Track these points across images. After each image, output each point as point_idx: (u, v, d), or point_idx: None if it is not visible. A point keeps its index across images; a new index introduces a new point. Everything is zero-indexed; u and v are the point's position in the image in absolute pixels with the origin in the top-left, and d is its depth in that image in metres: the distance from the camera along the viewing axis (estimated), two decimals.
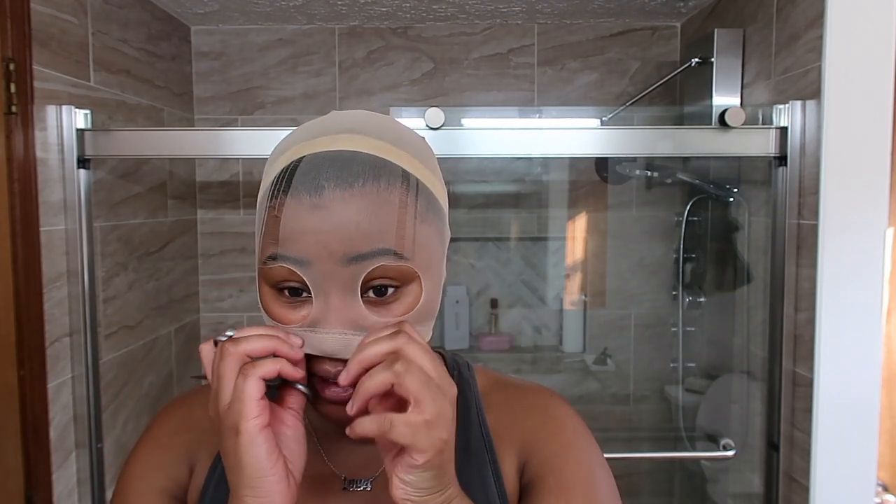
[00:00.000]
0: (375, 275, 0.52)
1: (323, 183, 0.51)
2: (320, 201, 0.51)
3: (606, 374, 2.18)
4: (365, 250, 0.51)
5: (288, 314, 0.53)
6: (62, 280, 1.33)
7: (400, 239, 0.52)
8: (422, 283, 0.54)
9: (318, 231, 0.51)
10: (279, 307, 0.54)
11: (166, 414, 0.68)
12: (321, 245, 0.51)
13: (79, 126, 1.33)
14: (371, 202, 0.51)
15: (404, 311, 0.53)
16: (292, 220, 0.51)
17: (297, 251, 0.51)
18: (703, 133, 1.37)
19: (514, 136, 1.36)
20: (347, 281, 0.51)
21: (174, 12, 1.92)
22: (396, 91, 2.10)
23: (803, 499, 1.31)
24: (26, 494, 1.21)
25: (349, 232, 0.50)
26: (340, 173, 0.52)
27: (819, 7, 1.27)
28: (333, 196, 0.51)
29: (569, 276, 2.20)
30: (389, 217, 0.52)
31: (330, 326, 0.52)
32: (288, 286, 0.53)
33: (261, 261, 0.54)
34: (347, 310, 0.52)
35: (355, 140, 0.54)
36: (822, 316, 1.26)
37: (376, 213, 0.51)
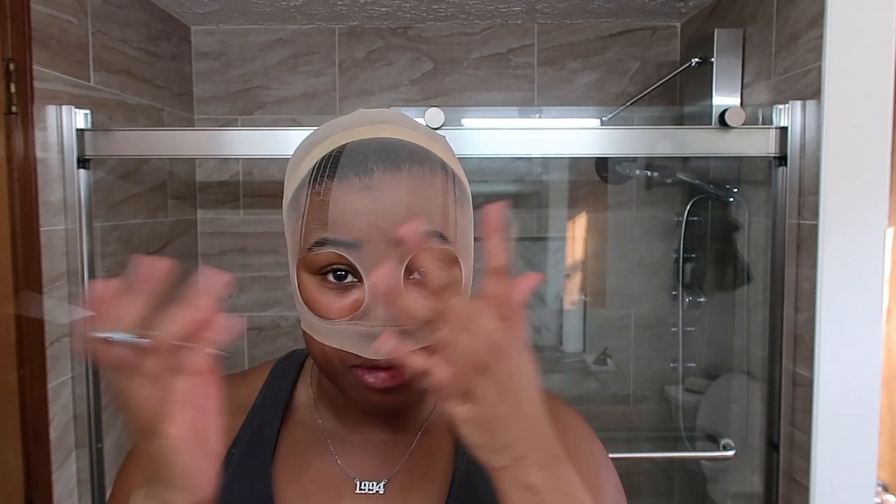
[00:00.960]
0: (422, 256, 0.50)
1: (372, 166, 0.52)
2: (371, 182, 0.51)
3: (606, 374, 2.18)
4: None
5: (334, 302, 0.53)
6: (62, 280, 1.33)
7: (445, 222, 0.53)
8: (461, 268, 0.55)
9: (370, 212, 0.51)
10: (324, 295, 0.53)
11: None
12: (373, 225, 0.51)
13: (79, 126, 1.33)
14: (419, 184, 0.52)
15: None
16: (342, 202, 0.51)
17: (347, 233, 0.51)
18: (703, 133, 1.37)
19: (514, 136, 1.36)
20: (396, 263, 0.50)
21: (174, 12, 1.92)
22: (396, 91, 2.10)
23: (803, 499, 1.31)
24: (26, 494, 1.21)
25: (400, 212, 0.51)
26: (388, 157, 0.53)
27: (819, 7, 1.27)
28: (384, 178, 0.52)
29: (569, 276, 2.20)
30: (435, 200, 0.53)
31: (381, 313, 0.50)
32: (333, 270, 0.52)
33: (304, 248, 0.53)
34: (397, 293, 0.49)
35: (396, 130, 0.56)
36: (822, 316, 1.26)
37: (424, 195, 0.52)
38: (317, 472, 0.62)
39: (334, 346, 0.53)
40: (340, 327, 0.52)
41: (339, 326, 0.52)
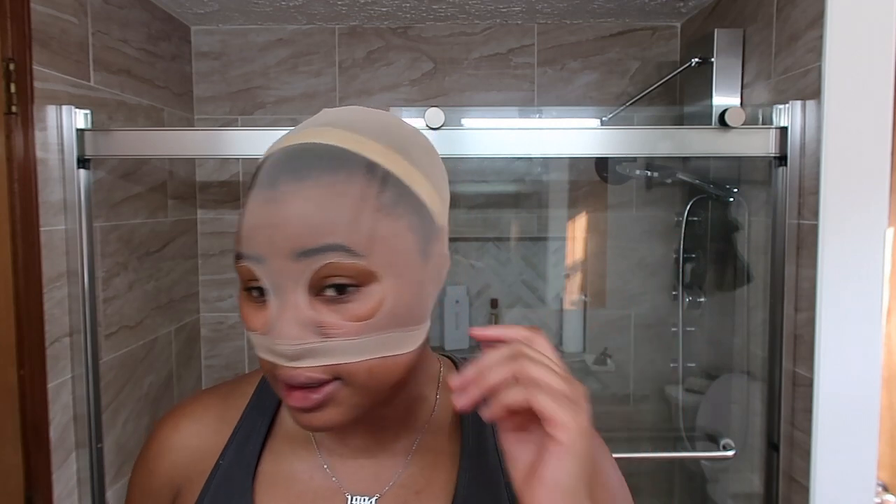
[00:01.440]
0: (327, 273, 0.48)
1: (279, 176, 0.49)
2: (274, 195, 0.49)
3: (606, 374, 2.18)
4: (312, 245, 0.48)
5: (253, 316, 0.51)
6: (62, 280, 1.33)
7: (352, 234, 0.48)
8: (384, 284, 0.50)
9: (268, 225, 0.48)
10: (247, 308, 0.52)
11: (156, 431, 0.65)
12: (269, 240, 0.48)
13: (79, 126, 1.33)
14: (323, 194, 0.48)
15: (367, 314, 0.49)
16: (249, 216, 0.50)
17: (253, 247, 0.49)
18: (703, 133, 1.37)
19: (514, 136, 1.36)
20: (295, 280, 0.49)
21: (174, 12, 1.92)
22: (396, 91, 2.10)
23: (803, 499, 1.31)
24: (26, 494, 1.21)
25: (296, 225, 0.48)
26: (296, 165, 0.49)
27: (819, 7, 1.27)
28: (287, 189, 0.48)
29: (569, 276, 2.20)
30: (342, 210, 0.48)
31: (285, 328, 0.48)
32: (254, 286, 0.51)
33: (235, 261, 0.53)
34: (299, 310, 0.49)
35: (324, 133, 0.52)
36: (822, 316, 1.26)
37: (328, 205, 0.48)
38: (305, 486, 0.60)
39: (260, 356, 0.52)
40: (258, 339, 0.51)
41: (257, 339, 0.51)
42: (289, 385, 0.50)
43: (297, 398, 0.50)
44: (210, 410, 0.65)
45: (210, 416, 0.65)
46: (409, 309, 0.51)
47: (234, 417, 0.64)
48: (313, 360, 0.49)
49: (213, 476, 0.61)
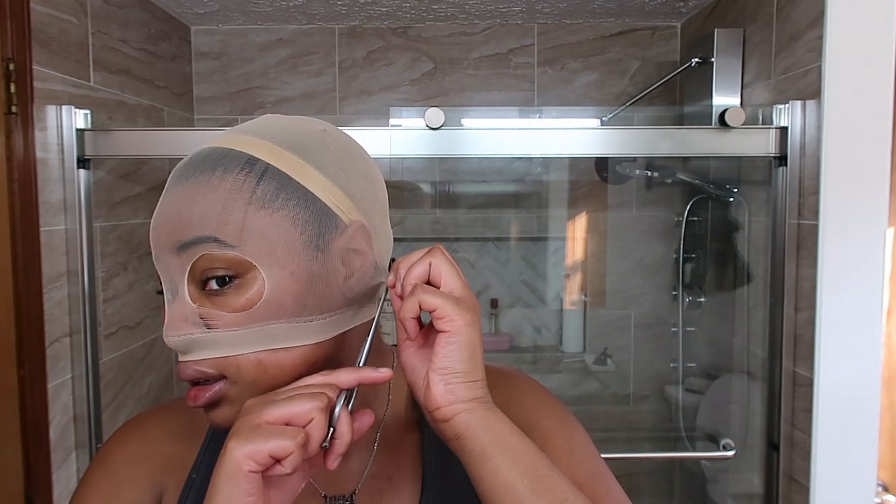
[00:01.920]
0: (204, 265, 0.50)
1: (174, 178, 0.54)
2: (164, 197, 0.54)
3: (606, 374, 2.18)
4: (187, 238, 0.50)
5: (163, 313, 0.54)
6: (62, 280, 1.33)
7: (222, 225, 0.50)
8: (262, 274, 0.50)
9: (157, 225, 0.53)
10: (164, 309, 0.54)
11: (121, 441, 0.63)
12: (158, 237, 0.53)
13: (79, 126, 1.33)
14: (198, 191, 0.51)
15: (245, 304, 0.50)
16: (153, 216, 0.55)
17: (152, 247, 0.54)
18: (703, 133, 1.37)
19: (514, 136, 1.36)
20: (174, 273, 0.52)
21: (174, 12, 1.92)
22: (396, 91, 2.10)
23: (803, 499, 1.31)
24: (26, 494, 1.21)
25: (172, 221, 0.51)
26: (184, 168, 0.53)
27: (819, 7, 1.27)
28: (173, 190, 0.53)
29: (569, 276, 2.20)
30: (213, 204, 0.50)
31: (173, 321, 0.51)
32: (161, 287, 0.54)
33: None
34: (184, 303, 0.51)
35: (220, 138, 0.55)
36: (822, 316, 1.26)
37: (199, 200, 0.50)
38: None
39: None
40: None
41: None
42: (189, 384, 0.53)
43: (190, 396, 0.52)
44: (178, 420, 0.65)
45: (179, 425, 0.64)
46: (299, 300, 0.51)
47: (203, 428, 0.64)
48: (199, 352, 0.51)
49: (187, 491, 0.60)
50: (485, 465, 0.49)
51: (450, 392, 0.50)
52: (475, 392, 0.51)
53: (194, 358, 0.51)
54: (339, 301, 0.54)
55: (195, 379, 0.52)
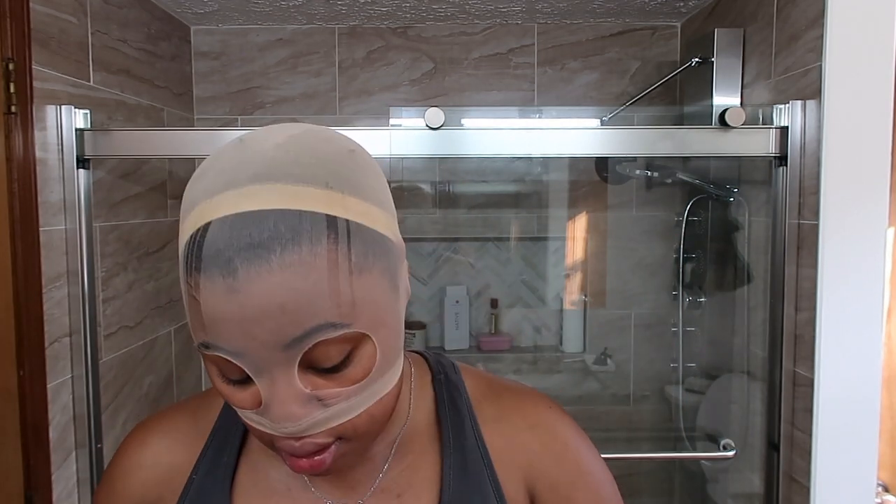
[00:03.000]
0: (319, 352, 0.46)
1: (235, 262, 0.43)
2: (236, 284, 0.43)
3: (606, 374, 2.18)
4: (298, 333, 0.44)
5: (235, 394, 0.49)
6: (62, 280, 1.33)
7: (336, 308, 0.45)
8: (374, 340, 0.48)
9: (241, 320, 0.44)
10: (226, 387, 0.50)
11: (122, 451, 0.63)
12: (249, 336, 0.44)
13: (78, 126, 1.33)
14: (294, 276, 0.43)
15: (363, 373, 0.48)
16: (211, 307, 0.44)
17: (226, 342, 0.45)
18: (703, 133, 1.37)
19: (514, 136, 1.36)
20: (287, 363, 0.46)
21: (174, 12, 1.92)
22: (396, 91, 2.10)
23: (803, 499, 1.31)
24: (26, 494, 1.21)
25: (275, 318, 0.44)
26: (253, 247, 0.43)
27: (819, 7, 1.27)
28: (249, 277, 0.43)
29: (569, 276, 2.20)
30: (318, 287, 0.44)
31: (285, 410, 0.47)
32: (232, 375, 0.49)
33: (197, 343, 0.48)
34: (295, 389, 0.47)
35: (264, 193, 0.45)
36: (822, 316, 1.26)
37: (302, 287, 0.44)
38: (283, 496, 0.59)
39: (255, 428, 0.50)
40: (249, 414, 0.50)
41: (248, 413, 0.50)
42: (292, 454, 0.50)
43: (305, 467, 0.50)
44: (180, 425, 0.63)
45: (181, 430, 0.63)
46: (396, 348, 0.51)
47: (206, 431, 0.63)
48: (317, 427, 0.48)
49: (186, 491, 0.60)
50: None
51: None
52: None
53: (312, 433, 0.48)
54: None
55: (314, 452, 0.49)
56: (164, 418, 0.64)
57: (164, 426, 0.63)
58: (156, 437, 0.62)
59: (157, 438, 0.62)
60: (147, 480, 0.61)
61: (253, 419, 0.49)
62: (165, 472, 0.61)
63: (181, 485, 0.60)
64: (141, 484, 0.61)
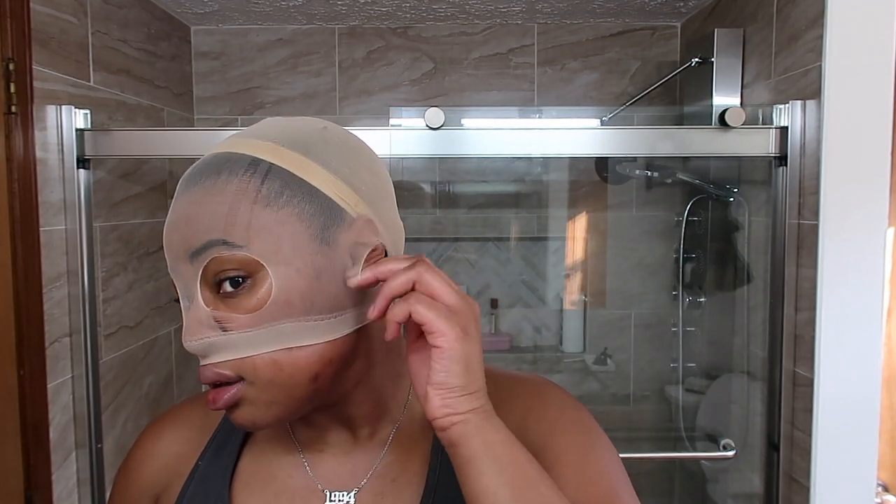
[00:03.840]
0: (215, 268, 0.51)
1: (182, 185, 0.54)
2: (176, 202, 0.54)
3: (606, 374, 2.18)
4: (196, 245, 0.51)
5: (182, 320, 0.54)
6: (62, 280, 1.33)
7: (230, 226, 0.50)
8: (270, 273, 0.51)
9: (168, 232, 0.53)
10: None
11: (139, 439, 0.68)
12: (168, 245, 0.53)
13: (78, 126, 1.33)
14: (204, 195, 0.52)
15: (256, 304, 0.51)
16: (165, 224, 0.54)
17: (166, 256, 0.54)
18: (703, 133, 1.37)
19: (514, 136, 1.36)
20: (188, 280, 0.52)
21: (174, 12, 1.92)
22: (396, 91, 2.10)
23: (803, 499, 1.31)
24: (26, 494, 1.21)
25: (182, 229, 0.52)
26: (190, 176, 0.54)
27: (819, 7, 1.27)
28: (181, 198, 0.53)
29: (569, 276, 2.20)
30: (219, 207, 0.51)
31: (190, 326, 0.52)
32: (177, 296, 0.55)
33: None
34: (199, 308, 0.52)
35: (223, 144, 0.56)
36: (822, 316, 1.26)
37: (206, 205, 0.51)
38: (283, 485, 0.61)
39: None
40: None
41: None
42: (209, 386, 0.53)
43: (209, 398, 0.53)
44: (192, 416, 0.67)
45: (192, 421, 0.67)
46: (307, 297, 0.52)
47: (215, 421, 0.66)
48: (216, 355, 0.52)
49: (191, 478, 0.63)
50: (470, 471, 0.49)
51: (446, 406, 0.50)
52: (472, 404, 0.50)
53: (212, 361, 0.52)
54: (351, 297, 0.54)
55: (215, 381, 0.52)
56: (178, 411, 0.68)
57: (177, 419, 0.67)
58: (168, 429, 0.66)
59: (169, 430, 0.66)
60: (157, 469, 0.65)
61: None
62: (174, 460, 0.64)
63: (188, 471, 0.63)
64: (152, 472, 0.65)
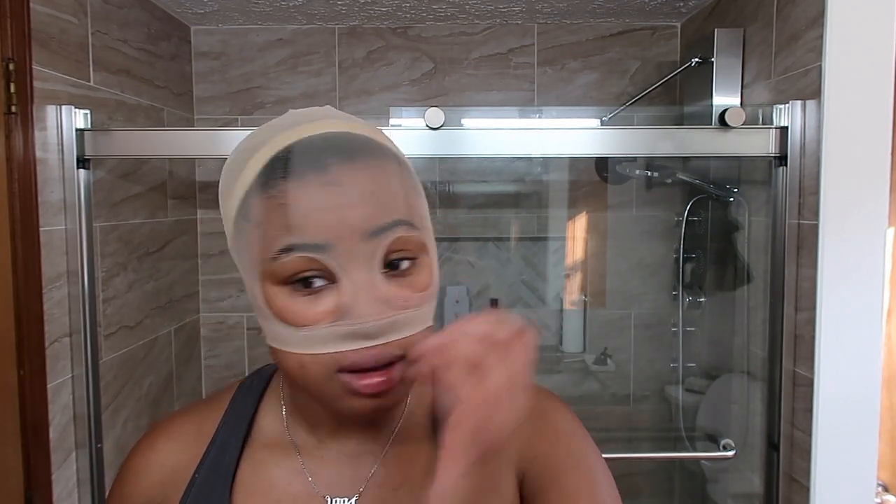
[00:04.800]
0: (395, 247, 0.50)
1: (327, 160, 0.49)
2: (330, 177, 0.49)
3: (606, 374, 2.18)
4: (384, 222, 0.49)
5: (307, 310, 0.50)
6: (62, 280, 1.33)
7: (410, 208, 0.52)
8: (430, 256, 0.54)
9: (336, 206, 0.48)
10: (296, 304, 0.50)
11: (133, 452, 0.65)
12: (341, 221, 0.48)
13: (78, 126, 1.33)
14: (377, 174, 0.50)
15: (424, 285, 0.52)
16: (303, 201, 0.48)
17: (314, 235, 0.48)
18: (703, 133, 1.37)
19: (514, 136, 1.36)
20: (369, 258, 0.49)
21: (174, 12, 1.92)
22: (396, 91, 2.10)
23: (803, 499, 1.31)
24: (26, 494, 1.21)
25: (367, 204, 0.49)
26: (341, 149, 0.50)
27: (819, 7, 1.27)
28: (342, 171, 0.49)
29: (569, 276, 2.20)
30: (397, 188, 0.51)
31: (366, 307, 0.49)
32: (302, 278, 0.50)
33: (266, 259, 0.50)
34: (375, 289, 0.49)
35: (336, 124, 0.54)
36: (822, 316, 1.26)
37: (385, 183, 0.50)
38: (283, 491, 0.60)
39: (319, 353, 0.50)
40: (322, 331, 0.50)
41: (321, 331, 0.50)
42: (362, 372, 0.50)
43: (376, 383, 0.50)
44: (187, 427, 0.65)
45: (187, 432, 0.64)
46: (436, 284, 0.55)
47: (211, 430, 0.64)
48: (395, 333, 0.50)
49: (189, 489, 0.61)
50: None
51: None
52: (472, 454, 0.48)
53: (389, 340, 0.50)
54: None
55: (388, 361, 0.50)
56: (171, 422, 0.66)
57: (171, 430, 0.65)
58: (162, 441, 0.64)
59: (163, 442, 0.64)
60: (153, 483, 0.63)
61: (321, 337, 0.49)
62: (169, 473, 0.62)
63: (186, 480, 0.61)
64: (147, 486, 0.62)
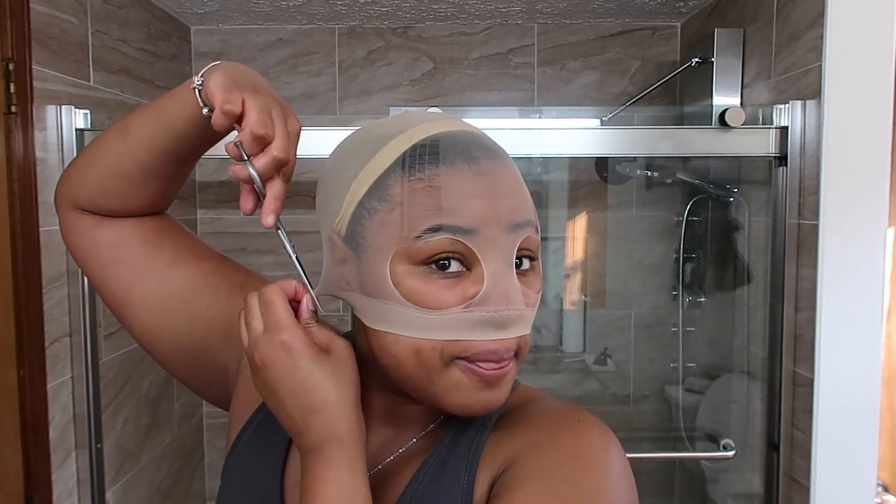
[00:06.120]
0: (525, 245, 0.52)
1: (476, 153, 0.52)
2: (481, 169, 0.51)
3: (606, 374, 2.18)
4: (522, 219, 0.52)
5: (443, 293, 0.50)
6: (62, 280, 1.33)
7: (535, 212, 0.54)
8: (540, 262, 0.55)
9: (488, 195, 0.50)
10: (430, 285, 0.50)
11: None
12: (490, 209, 0.50)
13: (78, 126, 1.33)
14: (516, 174, 0.54)
15: (538, 287, 0.54)
16: (458, 188, 0.50)
17: (464, 219, 0.49)
18: (703, 133, 1.37)
19: (514, 136, 1.36)
20: (508, 250, 0.51)
21: (174, 12, 1.92)
22: (396, 91, 2.10)
23: (803, 499, 1.31)
24: (26, 494, 1.21)
25: (512, 198, 0.52)
26: (485, 146, 0.53)
27: (819, 7, 1.27)
28: (489, 165, 0.52)
29: (569, 276, 2.20)
30: (527, 190, 0.54)
31: (508, 294, 0.50)
32: (440, 259, 0.50)
33: (407, 238, 0.50)
34: (512, 280, 0.51)
35: (464, 125, 0.56)
36: (822, 316, 1.26)
37: (522, 184, 0.54)
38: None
39: (447, 338, 0.50)
40: (454, 316, 0.50)
41: (452, 316, 0.50)
42: (486, 359, 0.51)
43: (493, 373, 0.51)
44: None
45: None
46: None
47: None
48: (521, 328, 0.52)
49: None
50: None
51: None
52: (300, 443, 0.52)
53: (516, 335, 0.51)
54: None
55: (507, 354, 0.51)
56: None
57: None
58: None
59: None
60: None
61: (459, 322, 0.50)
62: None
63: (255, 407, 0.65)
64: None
